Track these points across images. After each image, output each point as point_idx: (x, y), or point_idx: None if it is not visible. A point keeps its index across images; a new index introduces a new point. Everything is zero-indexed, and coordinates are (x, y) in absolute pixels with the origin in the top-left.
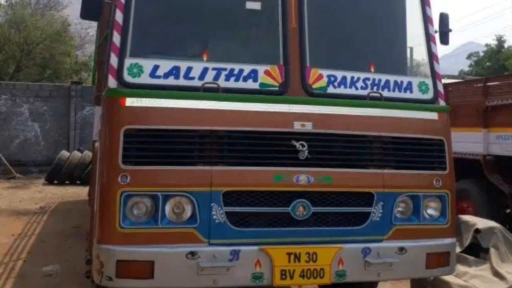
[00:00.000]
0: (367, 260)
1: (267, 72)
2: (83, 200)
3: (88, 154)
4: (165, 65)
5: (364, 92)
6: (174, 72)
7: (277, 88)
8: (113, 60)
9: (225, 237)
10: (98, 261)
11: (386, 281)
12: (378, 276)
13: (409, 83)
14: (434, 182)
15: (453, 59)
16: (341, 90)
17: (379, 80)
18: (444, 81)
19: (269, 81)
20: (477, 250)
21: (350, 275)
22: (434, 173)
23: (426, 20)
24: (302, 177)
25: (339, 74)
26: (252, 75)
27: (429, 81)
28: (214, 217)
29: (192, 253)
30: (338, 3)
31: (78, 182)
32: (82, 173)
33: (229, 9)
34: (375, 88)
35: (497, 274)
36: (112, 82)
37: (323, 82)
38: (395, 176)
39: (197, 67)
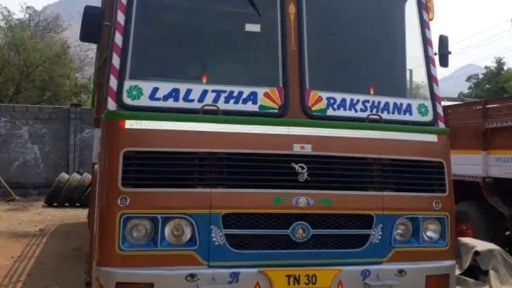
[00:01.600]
0: (366, 282)
1: (266, 95)
2: (83, 222)
3: (87, 176)
4: (165, 87)
5: (363, 114)
6: (174, 94)
7: (276, 111)
8: (113, 82)
9: (225, 259)
10: (97, 284)
11: None
12: None
13: (409, 105)
14: (434, 204)
15: (452, 81)
16: (341, 112)
17: (379, 103)
18: (443, 103)
19: (269, 103)
20: (476, 273)
21: None
22: (433, 195)
23: (426, 42)
24: (302, 200)
25: (338, 96)
26: (252, 97)
27: (428, 103)
28: (214, 239)
29: (192, 276)
30: (337, 25)
31: (77, 204)
32: (82, 195)
33: (229, 31)
34: (374, 110)
35: None
36: (111, 105)
37: (322, 104)
38: (395, 199)
39: (197, 89)
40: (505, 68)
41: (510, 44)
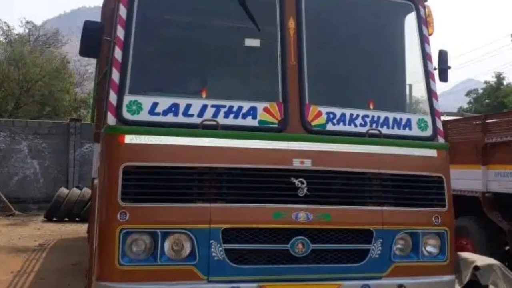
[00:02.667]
0: None
1: (266, 109)
2: (82, 237)
3: (87, 191)
4: (164, 102)
5: (363, 129)
6: (173, 109)
7: (276, 125)
8: (112, 97)
9: (224, 274)
10: None
11: None
12: None
13: (408, 120)
14: (433, 219)
15: (452, 96)
16: (340, 127)
17: (378, 117)
18: (443, 118)
19: (268, 118)
20: (476, 287)
21: None
22: (433, 210)
23: (425, 57)
24: (301, 214)
25: (338, 111)
26: (251, 112)
27: (428, 118)
28: (213, 254)
29: None
30: (337, 40)
31: (77, 219)
32: (81, 210)
33: (228, 46)
34: (374, 125)
35: None
36: (111, 119)
37: (322, 119)
38: (394, 213)
39: (196, 104)
40: (505, 83)
41: (509, 59)
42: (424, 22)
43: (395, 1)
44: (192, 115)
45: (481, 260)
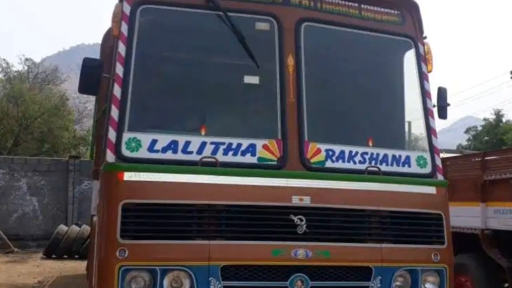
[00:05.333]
0: None
1: (265, 147)
2: (82, 274)
3: (86, 228)
4: (163, 139)
5: (362, 167)
6: (172, 146)
7: (275, 163)
8: (111, 134)
9: None
10: None
11: None
12: None
13: (407, 157)
14: (432, 256)
15: (451, 133)
16: (339, 164)
17: (377, 155)
18: (442, 155)
19: (267, 155)
20: None
21: None
22: (432, 247)
23: (425, 94)
24: (300, 252)
25: (337, 148)
26: (250, 149)
27: (427, 155)
28: None
29: None
30: (336, 77)
31: (76, 256)
32: (81, 247)
33: (227, 83)
34: (373, 162)
35: None
36: (110, 157)
37: (321, 156)
38: (393, 250)
39: (195, 141)
40: (504, 120)
41: (508, 96)
42: (423, 59)
43: (394, 38)
44: (191, 152)
45: None
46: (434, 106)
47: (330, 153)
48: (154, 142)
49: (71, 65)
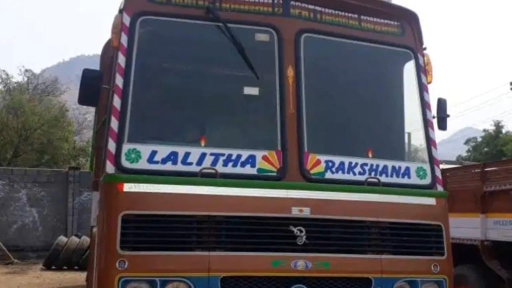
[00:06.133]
0: None
1: (265, 158)
2: (81, 285)
3: (86, 239)
4: (163, 150)
5: (362, 178)
6: (172, 157)
7: (275, 174)
8: (111, 146)
9: None
10: None
11: None
12: None
13: (407, 169)
14: (432, 267)
15: (451, 144)
16: (339, 176)
17: (377, 166)
18: (442, 166)
19: (267, 166)
20: None
21: None
22: (432, 258)
23: (424, 105)
24: (300, 263)
25: (337, 159)
26: (250, 160)
27: (427, 167)
28: None
29: None
30: (336, 88)
31: (76, 267)
32: (80, 258)
33: (227, 95)
34: (373, 173)
35: None
36: (110, 168)
37: (321, 167)
38: (393, 262)
39: (195, 152)
40: (504, 131)
41: (508, 107)
42: (423, 71)
43: (394, 49)
44: (191, 164)
45: None
46: (434, 117)
47: (330, 164)
48: (153, 153)
49: (70, 76)
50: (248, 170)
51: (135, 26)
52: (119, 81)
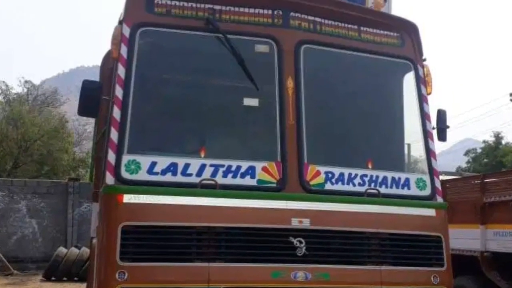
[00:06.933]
0: None
1: (264, 169)
2: None
3: (85, 250)
4: (163, 161)
5: (361, 189)
6: (172, 168)
7: (274, 185)
8: (111, 157)
9: None
10: None
11: None
12: None
13: (407, 180)
14: (432, 278)
15: (450, 155)
16: (339, 187)
17: (377, 177)
18: (441, 177)
19: (267, 177)
20: None
21: None
22: (431, 269)
23: (424, 116)
24: (300, 274)
25: (336, 170)
26: (250, 171)
27: (426, 178)
28: None
29: None
30: (336, 99)
31: (75, 278)
32: (80, 269)
33: (227, 106)
34: (372, 184)
35: None
36: (109, 179)
37: (320, 178)
38: (393, 273)
39: (195, 163)
40: (503, 142)
41: (508, 118)
42: (422, 82)
43: (394, 60)
44: (190, 175)
45: None
46: (433, 128)
47: (330, 175)
48: (153, 164)
49: (70, 87)
50: (248, 181)
51: (135, 37)
52: (118, 92)
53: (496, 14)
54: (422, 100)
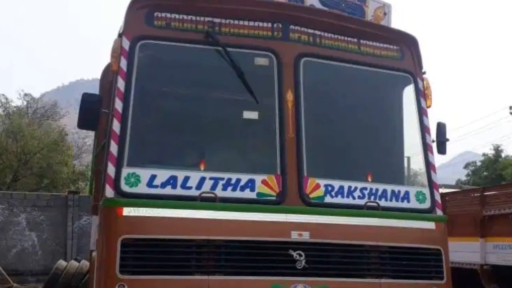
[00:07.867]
0: None
1: (264, 182)
2: None
3: (85, 263)
4: (163, 174)
5: (361, 202)
6: (172, 181)
7: (274, 198)
8: (110, 170)
9: None
10: None
11: None
12: None
13: (406, 193)
14: None
15: (450, 168)
16: (338, 200)
17: (376, 190)
18: (441, 190)
19: (266, 190)
20: None
21: None
22: (431, 282)
23: (424, 129)
24: (299, 287)
25: (336, 183)
26: (249, 184)
27: (426, 191)
28: None
29: None
30: (335, 112)
31: None
32: (80, 282)
33: (227, 119)
34: (372, 197)
35: None
36: (109, 192)
37: (320, 191)
38: (393, 286)
39: (194, 176)
40: (503, 155)
41: (508, 131)
42: (422, 95)
43: (394, 74)
44: (190, 188)
45: None
46: (433, 141)
47: (329, 188)
48: (153, 177)
49: (70, 100)
50: (248, 194)
51: (134, 50)
52: (118, 105)
53: (496, 28)
54: (421, 113)
